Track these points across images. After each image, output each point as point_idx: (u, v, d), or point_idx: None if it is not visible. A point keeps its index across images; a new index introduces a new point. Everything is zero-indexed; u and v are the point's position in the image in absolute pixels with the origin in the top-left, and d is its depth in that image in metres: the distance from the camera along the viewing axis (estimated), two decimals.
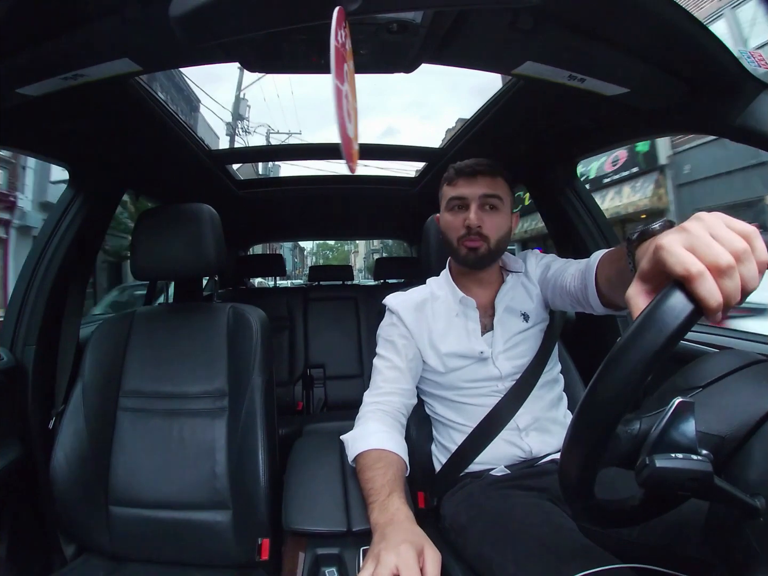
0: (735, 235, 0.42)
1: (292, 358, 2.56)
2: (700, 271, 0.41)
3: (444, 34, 0.84)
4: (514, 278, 1.13)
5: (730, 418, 0.53)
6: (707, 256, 0.41)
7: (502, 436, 1.02)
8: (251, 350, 1.14)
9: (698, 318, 0.41)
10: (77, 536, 1.13)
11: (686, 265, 0.41)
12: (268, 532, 1.00)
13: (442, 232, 1.11)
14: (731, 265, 0.41)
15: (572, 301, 0.99)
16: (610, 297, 0.85)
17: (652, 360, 0.41)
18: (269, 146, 1.90)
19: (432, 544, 0.69)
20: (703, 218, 0.44)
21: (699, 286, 0.41)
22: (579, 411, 0.46)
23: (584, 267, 0.93)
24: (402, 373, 1.06)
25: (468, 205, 1.04)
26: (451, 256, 1.13)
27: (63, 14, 0.73)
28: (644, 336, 0.42)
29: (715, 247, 0.42)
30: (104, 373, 1.16)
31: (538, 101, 1.17)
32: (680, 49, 0.80)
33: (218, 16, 0.53)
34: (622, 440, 0.48)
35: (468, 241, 1.04)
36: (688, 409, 0.46)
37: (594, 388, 0.45)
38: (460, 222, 1.04)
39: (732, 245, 0.42)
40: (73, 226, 1.39)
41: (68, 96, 0.92)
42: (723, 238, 0.42)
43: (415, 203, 2.36)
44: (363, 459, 0.90)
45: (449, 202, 1.07)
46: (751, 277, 0.42)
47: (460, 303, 1.10)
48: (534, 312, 1.10)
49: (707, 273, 0.41)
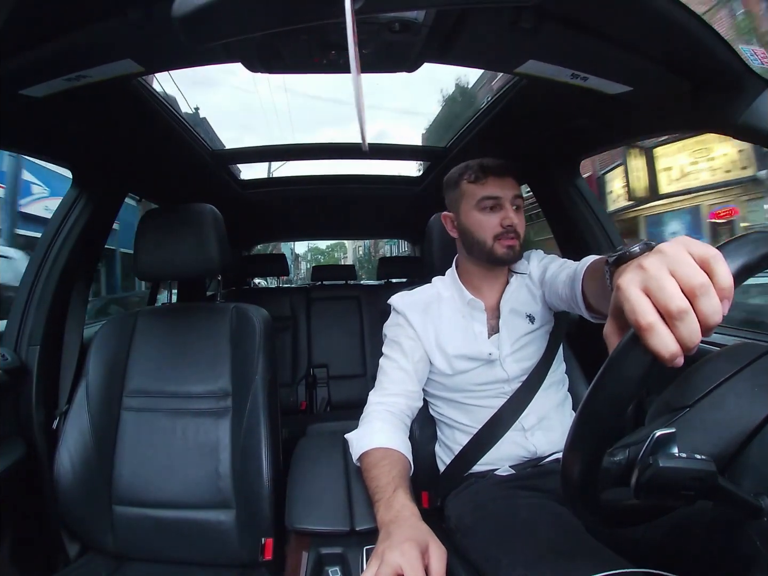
0: (693, 268, 0.40)
1: (295, 358, 2.57)
2: (649, 323, 0.39)
3: (446, 33, 0.84)
4: (519, 280, 1.12)
5: (718, 438, 0.53)
6: (659, 300, 0.40)
7: (507, 436, 1.02)
8: (254, 350, 1.14)
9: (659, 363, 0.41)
10: (81, 535, 1.13)
11: (636, 315, 0.40)
12: (271, 532, 1.00)
13: (469, 231, 1.08)
14: (682, 309, 0.39)
15: (567, 306, 0.99)
16: (597, 307, 0.85)
17: (621, 404, 0.43)
18: (272, 146, 1.90)
19: (437, 540, 0.69)
20: (665, 251, 0.42)
21: (649, 338, 0.39)
22: (581, 410, 0.46)
23: (572, 273, 0.93)
24: (408, 375, 1.06)
25: (501, 205, 1.04)
26: (479, 255, 1.08)
27: (65, 15, 0.73)
28: (609, 384, 0.43)
29: (668, 288, 0.40)
30: (108, 372, 1.16)
31: (540, 100, 1.16)
32: (683, 46, 0.80)
33: (221, 16, 0.53)
34: (612, 472, 0.48)
35: (506, 240, 1.04)
36: (670, 440, 0.45)
37: (599, 383, 0.45)
38: (496, 221, 1.04)
39: (689, 281, 0.39)
40: (76, 226, 1.39)
41: (71, 97, 0.92)
42: (680, 274, 0.40)
43: (418, 202, 2.36)
44: (368, 457, 0.90)
45: (480, 201, 1.05)
46: (711, 312, 0.39)
47: (468, 305, 1.09)
48: (540, 314, 1.09)
49: (658, 324, 0.39)
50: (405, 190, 2.29)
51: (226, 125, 19.84)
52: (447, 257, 1.20)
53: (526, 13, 0.76)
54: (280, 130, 13.97)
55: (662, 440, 0.45)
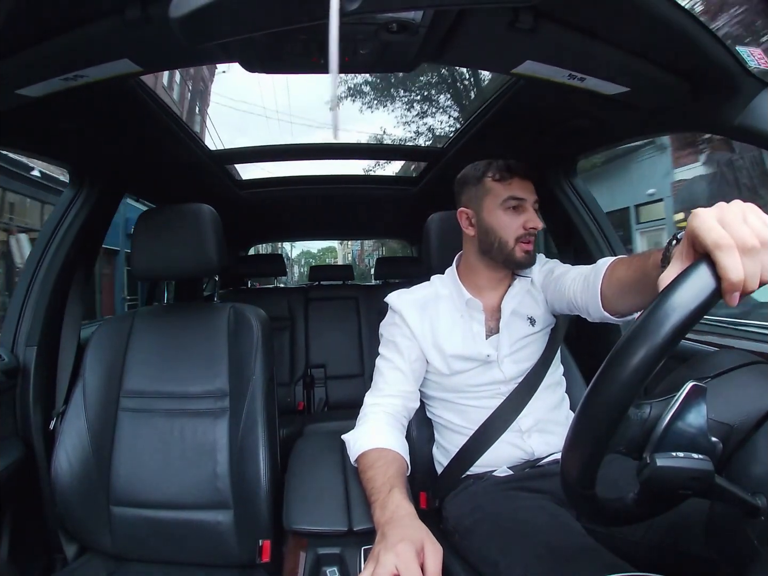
0: (765, 226, 0.44)
1: (293, 358, 2.56)
2: (729, 243, 0.42)
3: (444, 33, 0.83)
4: (522, 282, 1.11)
5: (739, 408, 0.54)
6: (736, 232, 0.43)
7: (504, 437, 1.01)
8: (252, 350, 1.14)
9: (717, 298, 0.42)
10: (79, 536, 1.13)
11: (717, 235, 0.43)
12: (269, 533, 1.00)
13: (491, 230, 1.04)
14: (756, 247, 0.43)
15: (568, 305, 0.99)
16: (615, 302, 0.85)
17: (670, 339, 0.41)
18: (270, 146, 1.89)
19: (432, 538, 0.69)
20: (740, 203, 0.46)
21: (726, 257, 0.42)
22: (581, 410, 0.46)
23: (589, 271, 0.93)
24: (404, 375, 1.05)
25: (525, 207, 1.04)
26: (497, 255, 1.06)
27: (62, 15, 0.73)
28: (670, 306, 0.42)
29: (745, 228, 0.44)
30: (105, 373, 1.16)
31: (537, 101, 1.16)
32: (680, 47, 0.80)
33: (218, 16, 0.53)
34: (631, 423, 0.48)
35: (525, 243, 1.04)
36: (701, 394, 0.46)
37: (599, 382, 0.44)
38: (520, 223, 1.03)
39: (760, 233, 0.43)
40: (74, 226, 1.39)
41: (69, 97, 0.92)
42: (753, 225, 0.44)
43: (415, 203, 2.36)
44: (364, 459, 0.90)
45: (506, 201, 1.03)
46: None
47: (467, 305, 1.08)
48: (541, 317, 1.09)
49: (734, 247, 0.42)
50: (402, 190, 2.29)
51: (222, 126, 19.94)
52: (445, 257, 1.20)
53: (524, 14, 0.76)
54: (281, 131, 13.98)
55: (694, 392, 0.46)
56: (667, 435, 0.45)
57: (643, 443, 0.47)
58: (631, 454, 0.49)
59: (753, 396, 0.55)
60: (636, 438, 0.48)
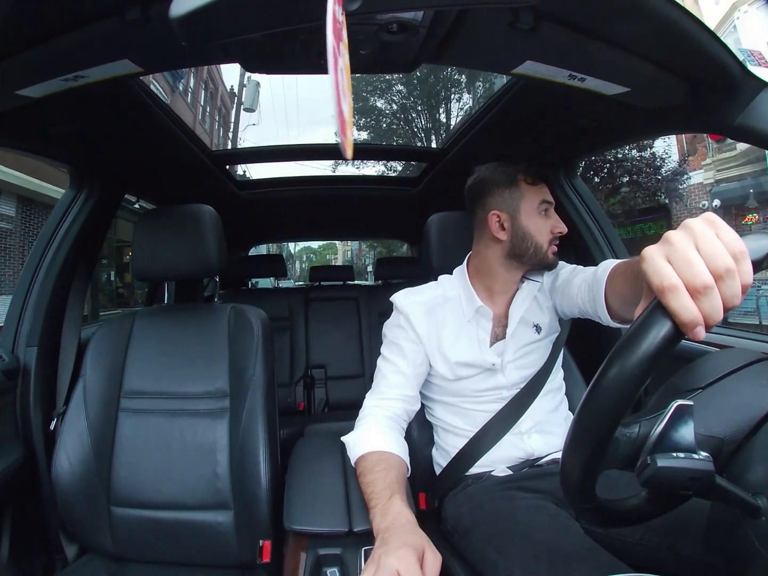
0: (721, 251, 0.40)
1: (293, 358, 2.56)
2: (672, 284, 0.39)
3: (444, 34, 0.84)
4: (529, 286, 1.09)
5: (730, 419, 0.53)
6: (683, 273, 0.40)
7: (503, 439, 1.01)
8: (252, 350, 1.14)
9: (680, 336, 0.40)
10: (79, 537, 1.13)
11: (660, 276, 0.40)
12: (269, 533, 1.00)
13: (528, 235, 1.02)
14: (707, 285, 0.39)
15: (580, 312, 0.98)
16: (621, 313, 0.84)
17: (638, 377, 0.41)
18: (270, 147, 1.90)
19: (433, 547, 0.69)
20: (692, 227, 0.41)
21: (672, 301, 0.39)
22: (580, 411, 0.46)
23: (591, 278, 0.92)
24: (407, 379, 1.04)
25: (550, 211, 1.05)
26: (530, 259, 1.04)
27: (62, 15, 0.73)
28: (628, 354, 0.42)
29: (695, 264, 0.39)
30: (105, 373, 1.16)
31: (538, 101, 1.16)
32: (680, 48, 0.80)
33: (218, 17, 0.53)
34: (621, 444, 0.48)
35: (555, 247, 1.05)
36: (687, 412, 0.45)
37: (594, 390, 0.45)
38: (550, 227, 1.03)
39: (715, 263, 0.39)
40: (74, 227, 1.39)
41: (69, 97, 0.92)
42: (707, 254, 0.40)
43: (415, 203, 2.36)
44: (364, 461, 0.89)
45: (540, 204, 1.03)
46: (732, 295, 0.39)
47: (477, 312, 1.06)
48: (547, 325, 1.08)
49: (681, 287, 0.39)
50: (403, 191, 2.29)
51: None
52: (444, 258, 1.20)
53: (524, 14, 0.76)
54: (285, 129, 14.16)
55: (680, 411, 0.45)
56: (656, 453, 0.45)
57: (635, 461, 0.47)
58: (626, 469, 0.49)
59: (746, 403, 0.55)
60: (629, 455, 0.48)
